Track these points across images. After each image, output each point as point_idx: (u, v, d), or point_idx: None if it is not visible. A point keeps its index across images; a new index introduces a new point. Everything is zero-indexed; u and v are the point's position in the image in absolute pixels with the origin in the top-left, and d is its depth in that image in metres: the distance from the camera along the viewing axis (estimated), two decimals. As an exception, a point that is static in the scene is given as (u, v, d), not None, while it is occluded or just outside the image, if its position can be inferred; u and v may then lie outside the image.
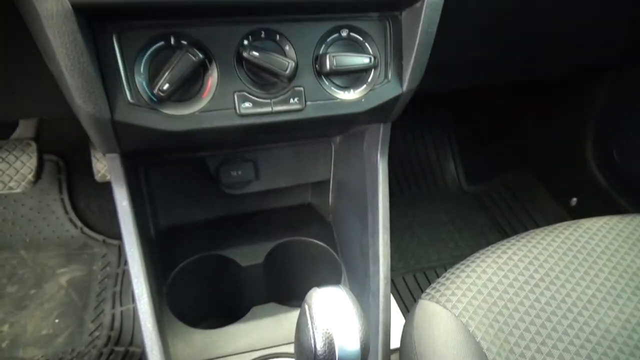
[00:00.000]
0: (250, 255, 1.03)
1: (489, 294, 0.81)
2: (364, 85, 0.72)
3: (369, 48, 0.71)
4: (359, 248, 0.94)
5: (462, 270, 0.86)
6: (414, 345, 0.72)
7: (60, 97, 0.68)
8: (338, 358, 0.52)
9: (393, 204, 0.87)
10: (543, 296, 0.81)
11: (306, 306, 0.55)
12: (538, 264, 0.86)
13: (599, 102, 1.66)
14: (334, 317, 0.53)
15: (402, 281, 1.71)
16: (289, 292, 1.09)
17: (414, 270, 1.76)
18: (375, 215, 0.87)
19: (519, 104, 2.03)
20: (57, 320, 1.46)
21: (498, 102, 2.11)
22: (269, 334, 0.93)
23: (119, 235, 0.77)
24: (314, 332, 0.52)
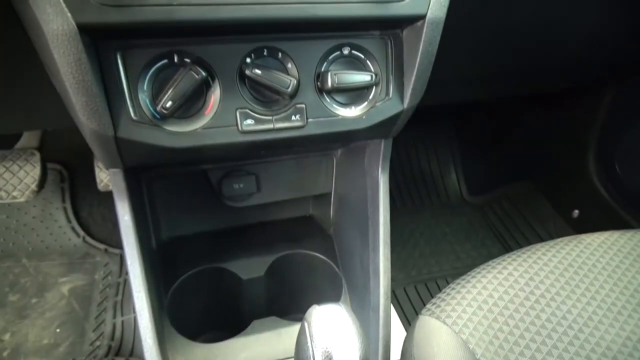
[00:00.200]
0: (251, 268, 1.03)
1: (490, 310, 0.81)
2: (365, 103, 0.72)
3: (370, 65, 0.71)
4: (359, 262, 0.94)
5: (463, 285, 0.86)
6: (414, 361, 0.72)
7: (65, 111, 0.69)
8: (337, 377, 0.52)
9: (395, 214, 0.88)
10: (544, 313, 0.81)
11: (306, 324, 0.55)
12: (539, 280, 0.86)
13: (600, 115, 1.66)
14: (333, 336, 0.53)
15: (403, 292, 1.71)
16: (289, 306, 1.09)
17: (415, 282, 1.76)
18: (376, 229, 0.87)
19: (521, 116, 2.03)
20: (58, 330, 1.46)
21: (500, 114, 2.12)
22: (270, 348, 0.93)
23: (121, 246, 0.78)
24: (313, 350, 0.53)
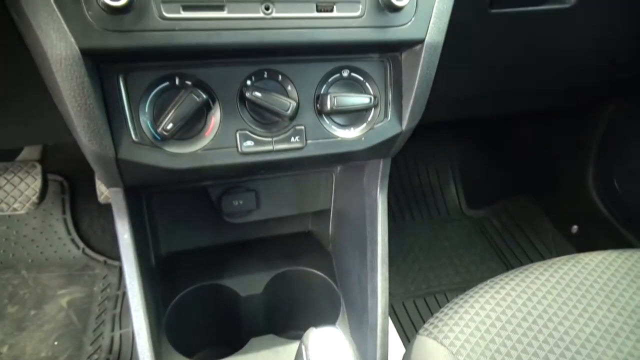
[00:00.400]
0: (249, 284, 1.03)
1: (487, 331, 0.81)
2: (364, 124, 0.73)
3: (369, 88, 0.72)
4: (357, 280, 0.95)
5: (460, 305, 0.86)
6: (411, 383, 0.72)
7: (66, 127, 0.69)
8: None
9: (394, 227, 0.88)
10: (541, 333, 0.81)
11: (303, 347, 0.56)
12: (536, 300, 0.87)
13: (600, 131, 1.67)
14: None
15: (402, 307, 1.71)
16: (287, 323, 1.09)
17: (414, 296, 1.76)
18: (374, 249, 0.87)
19: (521, 130, 2.04)
20: (56, 343, 1.46)
21: (499, 128, 2.13)
22: None
23: (120, 260, 0.78)
24: (310, 374, 0.53)
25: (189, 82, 0.63)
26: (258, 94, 0.65)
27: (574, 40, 1.13)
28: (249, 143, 0.67)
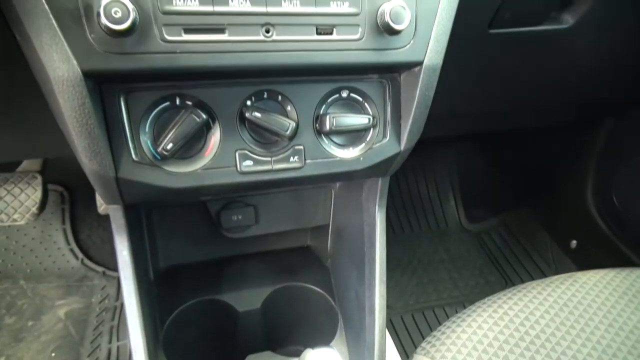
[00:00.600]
0: (247, 300, 1.03)
1: (484, 351, 0.81)
2: (363, 144, 0.73)
3: (368, 108, 0.73)
4: (355, 297, 0.95)
5: (458, 324, 0.86)
6: (408, 404, 0.72)
7: (67, 142, 0.70)
8: None
9: (393, 240, 0.88)
10: (538, 354, 0.81)
11: (299, 369, 0.56)
12: (534, 319, 0.87)
13: (598, 147, 1.68)
14: (326, 383, 0.54)
15: (400, 321, 1.71)
16: (285, 339, 1.08)
17: (412, 310, 1.75)
18: (372, 266, 0.87)
19: (520, 145, 2.05)
20: (53, 354, 1.45)
21: (499, 143, 2.14)
22: None
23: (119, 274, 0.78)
24: (306, 397, 0.53)
25: (189, 102, 0.64)
26: (258, 114, 0.65)
27: (573, 59, 1.14)
28: (248, 162, 0.67)
